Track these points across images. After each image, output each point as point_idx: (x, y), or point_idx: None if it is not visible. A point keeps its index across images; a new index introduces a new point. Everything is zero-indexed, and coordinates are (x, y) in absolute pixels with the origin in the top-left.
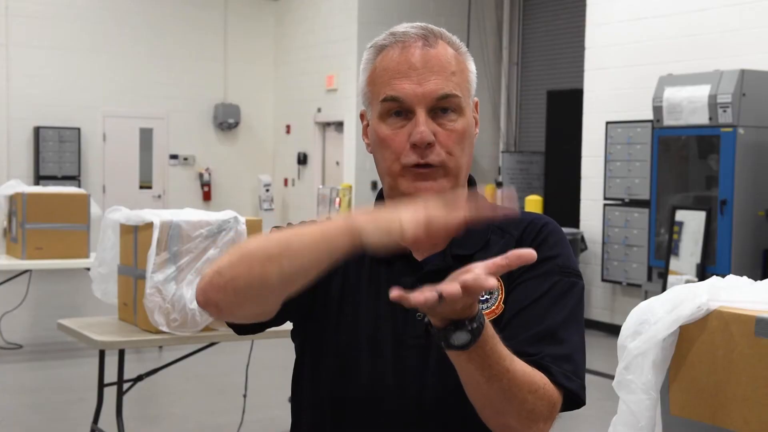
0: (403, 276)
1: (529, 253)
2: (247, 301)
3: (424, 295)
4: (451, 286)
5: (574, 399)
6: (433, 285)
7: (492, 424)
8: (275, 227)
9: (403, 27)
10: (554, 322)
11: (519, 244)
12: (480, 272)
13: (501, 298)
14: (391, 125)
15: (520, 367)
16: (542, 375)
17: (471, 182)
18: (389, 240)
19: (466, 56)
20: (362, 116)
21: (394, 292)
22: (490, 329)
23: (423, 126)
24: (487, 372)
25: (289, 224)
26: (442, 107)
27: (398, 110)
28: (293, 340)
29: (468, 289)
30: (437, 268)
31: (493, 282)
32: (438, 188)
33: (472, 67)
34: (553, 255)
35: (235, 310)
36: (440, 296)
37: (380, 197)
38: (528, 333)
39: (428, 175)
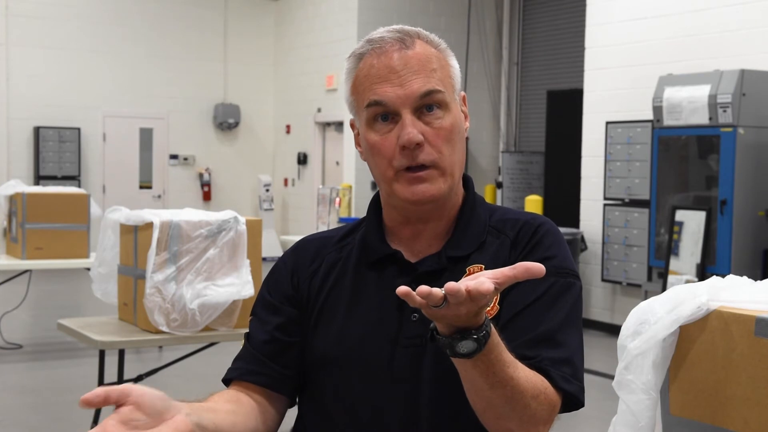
0: (397, 278)
1: (537, 267)
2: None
3: (430, 289)
4: (454, 285)
5: (573, 401)
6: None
7: (492, 428)
8: None
9: (378, 33)
10: (552, 324)
11: (514, 246)
12: (483, 279)
13: (496, 299)
14: (380, 131)
15: (523, 373)
16: (543, 379)
17: (467, 183)
18: None
19: (446, 52)
20: (352, 125)
21: (402, 288)
22: (495, 337)
23: (410, 127)
24: (492, 379)
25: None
26: (426, 104)
27: (384, 114)
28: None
29: (471, 293)
30: (432, 269)
31: (489, 286)
32: (435, 190)
33: (453, 62)
34: (549, 256)
35: None
36: (444, 296)
37: (375, 202)
38: (526, 336)
39: (423, 179)
